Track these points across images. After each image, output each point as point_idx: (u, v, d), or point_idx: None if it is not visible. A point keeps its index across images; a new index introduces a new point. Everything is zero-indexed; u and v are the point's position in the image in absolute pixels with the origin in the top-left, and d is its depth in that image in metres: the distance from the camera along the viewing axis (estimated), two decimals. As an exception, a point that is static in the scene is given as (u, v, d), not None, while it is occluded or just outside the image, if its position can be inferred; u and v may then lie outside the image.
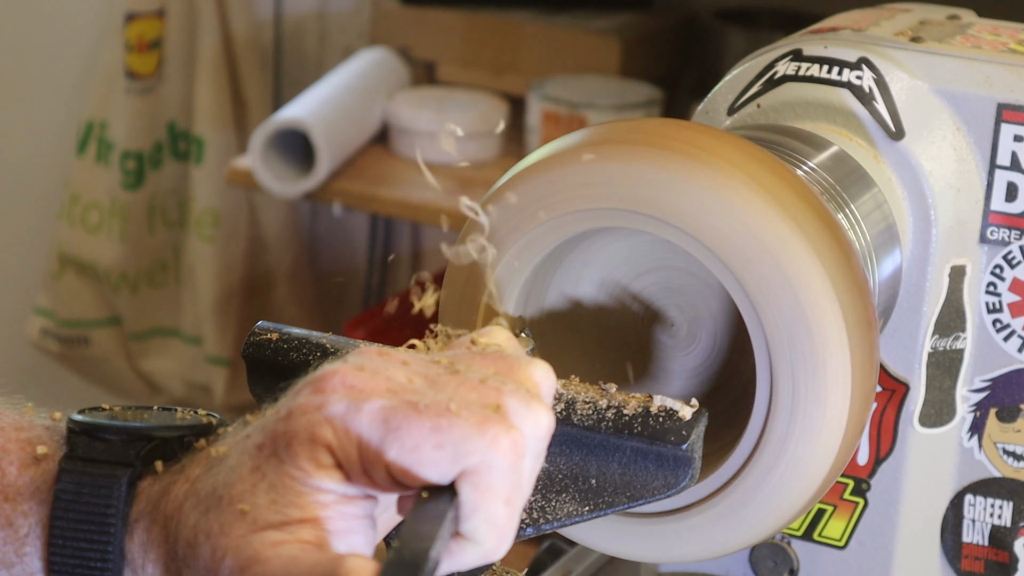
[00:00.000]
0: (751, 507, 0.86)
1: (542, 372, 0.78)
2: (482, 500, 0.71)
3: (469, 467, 0.71)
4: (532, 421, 0.74)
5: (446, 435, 0.71)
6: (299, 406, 0.73)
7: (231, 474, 0.74)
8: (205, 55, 2.98)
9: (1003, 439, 1.04)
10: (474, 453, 0.71)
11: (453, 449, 0.71)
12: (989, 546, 1.06)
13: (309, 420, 0.73)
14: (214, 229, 3.03)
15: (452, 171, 2.72)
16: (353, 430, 0.72)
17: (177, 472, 0.78)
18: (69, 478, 0.79)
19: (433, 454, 0.71)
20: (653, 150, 0.85)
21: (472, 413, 0.72)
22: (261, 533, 0.72)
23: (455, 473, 0.71)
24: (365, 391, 0.73)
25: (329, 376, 0.74)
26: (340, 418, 0.72)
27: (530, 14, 2.89)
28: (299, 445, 0.73)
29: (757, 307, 0.84)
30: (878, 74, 1.02)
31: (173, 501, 0.76)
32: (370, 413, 0.72)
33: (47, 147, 3.18)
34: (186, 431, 0.80)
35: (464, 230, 0.89)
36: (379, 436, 0.72)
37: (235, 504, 0.73)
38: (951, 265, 1.02)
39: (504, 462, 0.72)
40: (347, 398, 0.73)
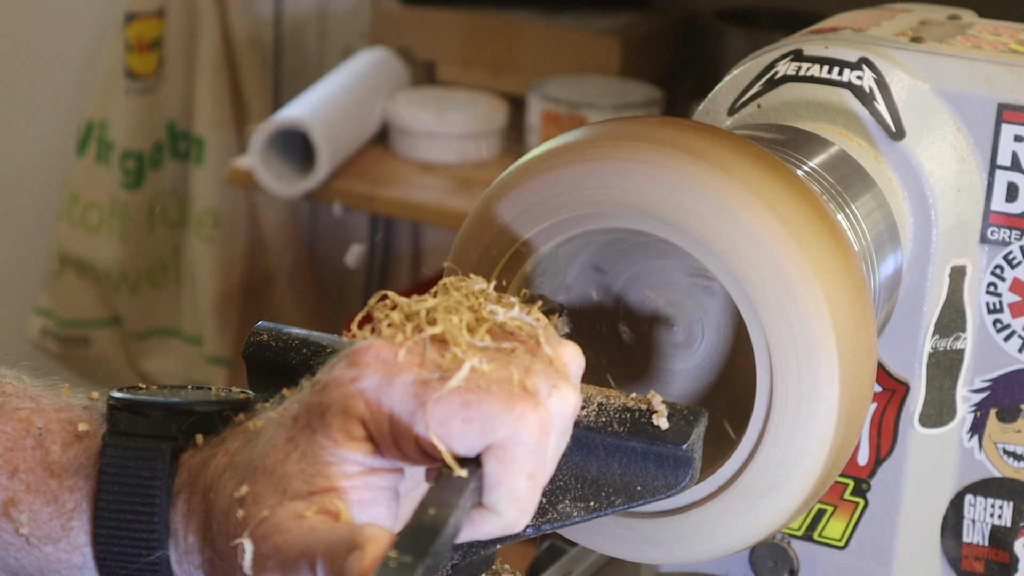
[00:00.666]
0: (751, 507, 0.86)
1: (571, 352, 0.79)
2: (506, 473, 0.73)
3: (496, 441, 0.73)
4: (559, 399, 0.75)
5: (475, 410, 0.73)
6: (334, 379, 0.75)
7: (267, 445, 0.76)
8: (205, 55, 2.99)
9: (1003, 439, 1.04)
10: (501, 428, 0.73)
11: (481, 424, 0.73)
12: (989, 546, 1.06)
13: (343, 392, 0.74)
14: (214, 229, 3.03)
15: (452, 171, 2.72)
16: (385, 403, 0.74)
17: (217, 445, 0.80)
18: (114, 452, 0.81)
19: (462, 428, 0.73)
20: (652, 150, 0.85)
21: (501, 390, 0.73)
22: (288, 504, 0.74)
23: (482, 447, 0.73)
24: (398, 365, 0.74)
25: (364, 350, 0.75)
26: (373, 391, 0.74)
27: (530, 14, 2.90)
28: (332, 416, 0.74)
29: (757, 307, 0.84)
30: (878, 74, 1.02)
31: (213, 472, 0.78)
32: (402, 387, 0.74)
33: (47, 147, 3.18)
34: (225, 405, 0.83)
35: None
36: (410, 409, 0.73)
37: (269, 474, 0.75)
38: (951, 265, 1.02)
39: (530, 438, 0.73)
40: (380, 372, 0.74)
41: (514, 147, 2.76)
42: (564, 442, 0.77)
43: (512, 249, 0.88)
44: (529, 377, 0.75)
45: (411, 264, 3.18)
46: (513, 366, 0.75)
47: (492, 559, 0.87)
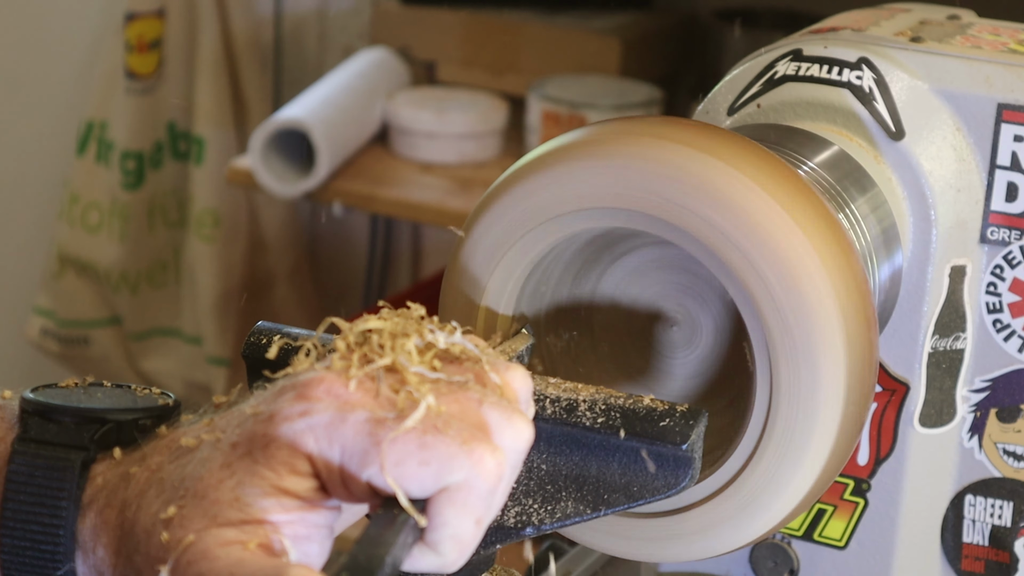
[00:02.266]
0: (751, 507, 0.86)
1: (519, 378, 0.77)
2: (455, 517, 0.72)
3: (451, 484, 0.71)
4: (513, 435, 0.74)
5: (432, 452, 0.71)
6: (281, 412, 0.73)
7: (200, 467, 0.74)
8: (205, 55, 2.99)
9: (1003, 439, 1.04)
10: (458, 471, 0.71)
11: (438, 466, 0.71)
12: (989, 546, 1.06)
13: (292, 428, 0.72)
14: (214, 229, 3.03)
15: (452, 171, 2.73)
16: (337, 441, 0.72)
17: (138, 459, 0.77)
18: (22, 460, 0.78)
19: (418, 470, 0.71)
20: (652, 149, 0.85)
21: (458, 431, 0.72)
22: (218, 529, 0.71)
23: (436, 489, 0.71)
24: (351, 402, 0.72)
25: (315, 383, 0.73)
26: (324, 428, 0.72)
27: (530, 14, 2.90)
28: (277, 450, 0.72)
29: (757, 307, 0.84)
30: (878, 74, 1.02)
31: (134, 488, 0.76)
32: (355, 425, 0.72)
33: (47, 147, 3.18)
34: (141, 413, 0.80)
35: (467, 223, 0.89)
36: (363, 448, 0.71)
37: (200, 497, 0.72)
38: (951, 265, 1.02)
39: (485, 484, 0.72)
40: (332, 408, 0.72)
41: (514, 147, 2.76)
42: (515, 475, 0.75)
43: (517, 243, 0.88)
44: (483, 410, 0.73)
45: (411, 264, 3.18)
46: (469, 400, 0.73)
47: (492, 559, 0.87)
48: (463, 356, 0.77)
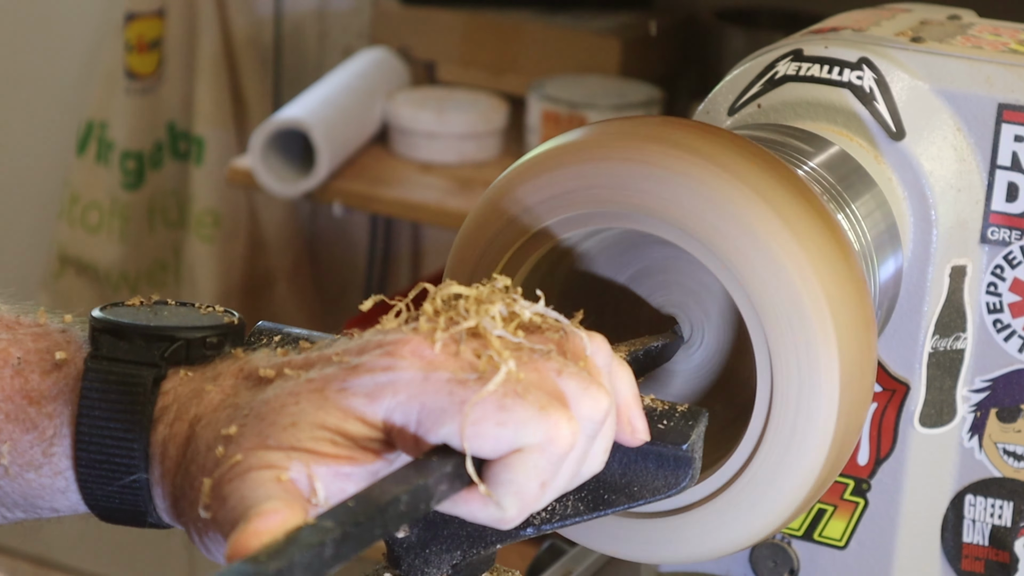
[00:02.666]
0: (751, 507, 0.86)
1: (599, 346, 0.79)
2: (522, 474, 0.73)
3: (525, 445, 0.73)
4: (590, 404, 0.76)
5: (509, 414, 0.73)
6: (366, 363, 0.75)
7: (270, 394, 0.76)
8: (205, 55, 2.99)
9: (1003, 439, 1.04)
10: (534, 435, 0.73)
11: (515, 428, 0.73)
12: (989, 546, 1.06)
13: (374, 380, 0.74)
14: (214, 229, 3.03)
15: (452, 171, 2.72)
16: (417, 398, 0.73)
17: (212, 377, 0.79)
18: (95, 377, 0.80)
19: (495, 430, 0.73)
20: (653, 150, 0.85)
21: (536, 397, 0.73)
22: (264, 451, 0.73)
23: (511, 450, 0.73)
24: (434, 363, 0.74)
25: (402, 343, 0.75)
26: (406, 384, 0.74)
27: (530, 14, 2.89)
28: (353, 396, 0.74)
29: (757, 307, 0.84)
30: (879, 74, 1.02)
31: (207, 405, 0.78)
32: (437, 383, 0.74)
33: (47, 147, 3.18)
34: (208, 331, 0.82)
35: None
36: (441, 407, 0.73)
37: (259, 419, 0.74)
38: (952, 265, 1.02)
39: (556, 451, 0.73)
40: (416, 367, 0.74)
41: (514, 147, 2.76)
42: (590, 445, 0.77)
43: (517, 243, 0.88)
44: (562, 380, 0.75)
45: (411, 264, 3.18)
46: (548, 369, 0.75)
47: (492, 559, 0.87)
48: (545, 326, 0.78)
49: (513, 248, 0.88)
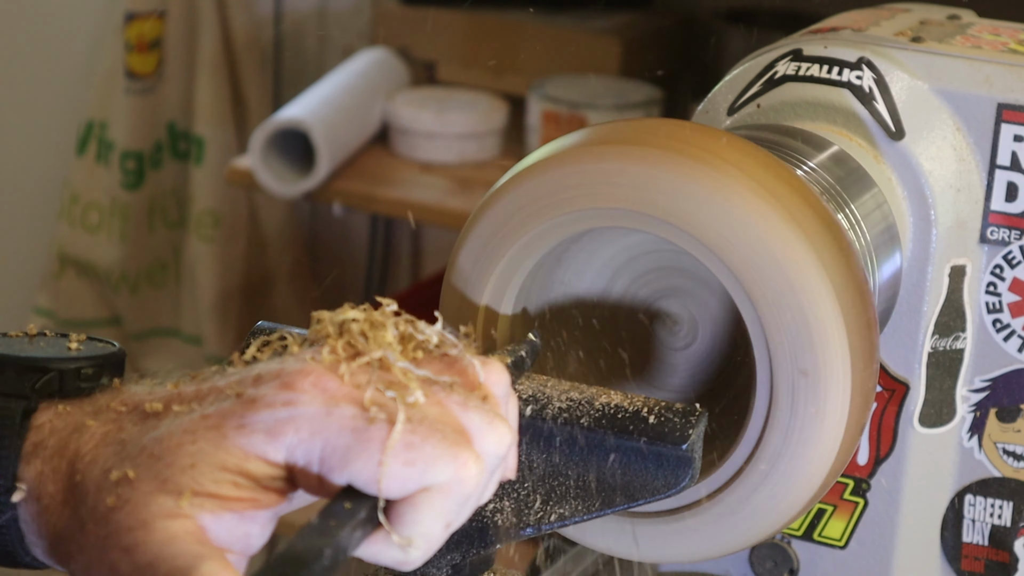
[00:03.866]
0: (751, 507, 0.86)
1: (496, 374, 0.77)
2: (429, 517, 0.72)
3: (432, 485, 0.71)
4: (495, 439, 0.74)
5: (417, 453, 0.71)
6: (264, 397, 0.72)
7: (163, 431, 0.73)
8: (205, 55, 2.99)
9: (1003, 439, 1.04)
10: (442, 475, 0.71)
11: (423, 468, 0.71)
12: (989, 546, 1.06)
13: (274, 416, 0.71)
14: (214, 229, 3.03)
15: (452, 171, 2.72)
16: (320, 435, 0.71)
17: (92, 412, 0.76)
18: None
19: (402, 470, 0.71)
20: (653, 150, 0.85)
21: (444, 434, 0.72)
22: (164, 496, 0.71)
23: (416, 490, 0.71)
24: (337, 396, 0.72)
25: (302, 375, 0.72)
26: (308, 420, 0.71)
27: (530, 14, 2.89)
28: (252, 433, 0.71)
29: (757, 307, 0.84)
30: (878, 74, 1.02)
31: (89, 439, 0.75)
32: (341, 420, 0.71)
33: (47, 147, 3.18)
34: (84, 362, 0.79)
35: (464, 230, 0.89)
36: (345, 444, 0.71)
37: (155, 459, 0.72)
38: (951, 265, 1.02)
39: (464, 490, 0.72)
40: (318, 402, 0.72)
41: (514, 147, 2.76)
42: (490, 480, 0.75)
43: (517, 244, 0.88)
44: (466, 414, 0.73)
45: (411, 264, 3.18)
46: (451, 402, 0.73)
47: (492, 559, 0.87)
48: (442, 347, 0.76)
49: (513, 248, 0.88)
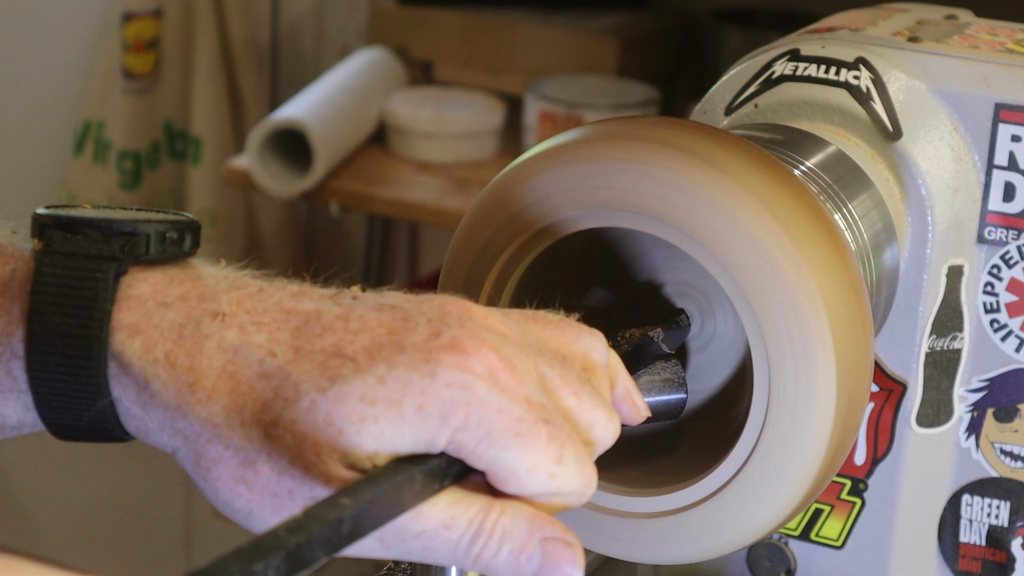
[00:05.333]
0: (749, 507, 0.86)
1: (599, 346, 0.78)
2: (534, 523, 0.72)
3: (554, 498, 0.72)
4: (611, 435, 0.75)
5: (562, 467, 0.71)
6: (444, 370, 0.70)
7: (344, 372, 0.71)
8: (202, 55, 2.98)
9: (1000, 439, 1.04)
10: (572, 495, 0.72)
11: (561, 481, 0.71)
12: (986, 546, 1.06)
13: (452, 395, 0.70)
14: (211, 229, 3.03)
15: (449, 171, 2.72)
16: (484, 427, 0.70)
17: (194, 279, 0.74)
18: (49, 271, 0.73)
19: (546, 481, 0.71)
20: (650, 149, 0.85)
21: (578, 445, 0.72)
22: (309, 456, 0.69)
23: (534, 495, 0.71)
24: (508, 390, 0.71)
25: (476, 350, 0.71)
26: (480, 406, 0.70)
27: (527, 14, 2.89)
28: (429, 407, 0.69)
29: (753, 307, 0.84)
30: (875, 74, 1.02)
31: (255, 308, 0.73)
32: (509, 417, 0.70)
33: (44, 147, 3.18)
34: (168, 225, 0.75)
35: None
36: (504, 443, 0.70)
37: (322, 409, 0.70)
38: (948, 265, 1.02)
39: (581, 501, 0.73)
40: (495, 391, 0.70)
41: (511, 147, 2.76)
42: None
43: (514, 244, 0.88)
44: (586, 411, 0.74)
45: (408, 264, 3.18)
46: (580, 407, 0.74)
47: None
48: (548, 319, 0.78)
49: (511, 249, 0.88)
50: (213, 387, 0.72)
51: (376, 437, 0.69)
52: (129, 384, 0.73)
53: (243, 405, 0.71)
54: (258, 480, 0.71)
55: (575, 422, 0.74)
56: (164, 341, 0.72)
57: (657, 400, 0.89)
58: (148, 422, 0.74)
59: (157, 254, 0.74)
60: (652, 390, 0.89)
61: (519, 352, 0.73)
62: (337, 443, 0.69)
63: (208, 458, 0.72)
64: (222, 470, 0.72)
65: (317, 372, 0.71)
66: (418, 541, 0.70)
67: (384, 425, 0.69)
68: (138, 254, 0.74)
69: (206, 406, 0.72)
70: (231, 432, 0.71)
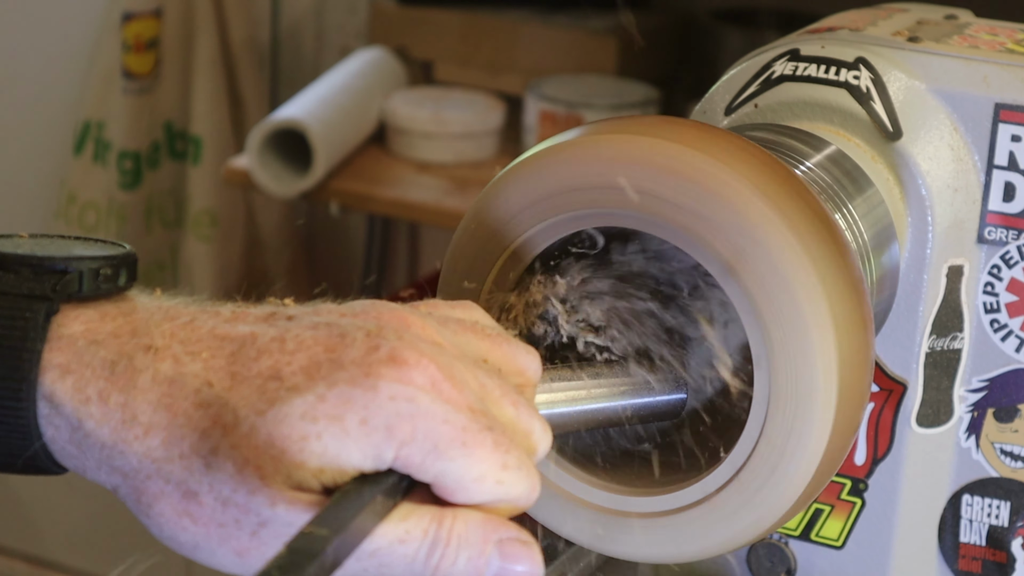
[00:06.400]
0: (748, 507, 0.86)
1: (535, 364, 0.78)
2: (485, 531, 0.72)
3: (500, 506, 0.72)
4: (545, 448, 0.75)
5: (509, 473, 0.71)
6: (386, 384, 0.69)
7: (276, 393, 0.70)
8: (202, 55, 2.98)
9: (1000, 439, 1.04)
10: (521, 499, 0.72)
11: (508, 487, 0.71)
12: (987, 546, 1.06)
13: (397, 408, 0.69)
14: (211, 229, 3.03)
15: (449, 171, 2.72)
16: (431, 439, 0.69)
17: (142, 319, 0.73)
18: None
19: (494, 488, 0.71)
20: (648, 148, 0.85)
21: (520, 451, 0.72)
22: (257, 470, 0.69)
23: (483, 503, 0.71)
24: (451, 400, 0.70)
25: (416, 362, 0.70)
26: (425, 418, 0.69)
27: (527, 13, 2.90)
28: (375, 432, 0.69)
29: (753, 306, 0.84)
30: (875, 74, 1.02)
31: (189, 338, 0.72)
32: (454, 427, 0.70)
33: (44, 147, 3.18)
34: (101, 261, 0.74)
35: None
36: (452, 454, 0.70)
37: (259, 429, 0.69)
38: (948, 265, 1.02)
39: (528, 505, 0.73)
40: (438, 402, 0.70)
41: (511, 147, 2.76)
42: None
43: (513, 245, 0.88)
44: (531, 434, 0.74)
45: (408, 264, 3.18)
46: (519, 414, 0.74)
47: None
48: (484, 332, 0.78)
49: (511, 249, 0.88)
50: (150, 421, 0.71)
51: (320, 454, 0.69)
52: (62, 425, 0.72)
53: (182, 437, 0.70)
54: (202, 512, 0.70)
55: (515, 430, 0.73)
56: (96, 379, 0.71)
57: (657, 400, 0.89)
58: (85, 461, 0.73)
59: (90, 291, 0.73)
60: (652, 390, 0.89)
61: (458, 363, 0.72)
62: (280, 464, 0.69)
63: (149, 494, 0.71)
64: (164, 505, 0.71)
65: (255, 396, 0.70)
66: (373, 559, 0.70)
67: (327, 441, 0.69)
68: (70, 292, 0.72)
69: (143, 441, 0.71)
70: (171, 465, 0.70)
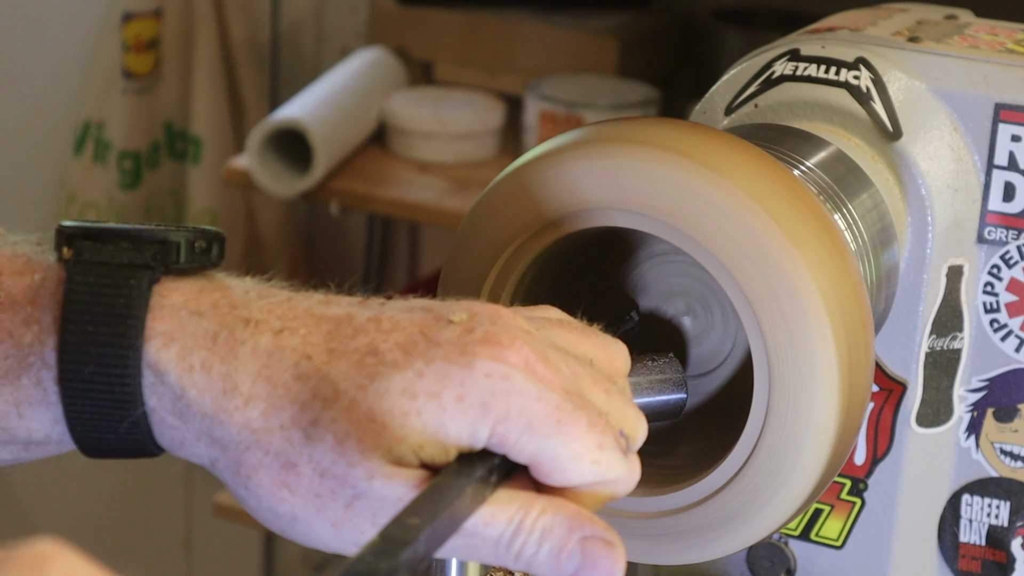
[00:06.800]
0: (748, 508, 0.86)
1: (624, 355, 0.79)
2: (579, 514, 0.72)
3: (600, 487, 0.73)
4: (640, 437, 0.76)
5: (605, 454, 0.72)
6: (481, 362, 0.71)
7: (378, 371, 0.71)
8: (202, 55, 2.98)
9: (1000, 439, 1.04)
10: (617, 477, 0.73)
11: (605, 468, 0.72)
12: (986, 546, 1.06)
13: (492, 385, 0.70)
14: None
15: (449, 171, 2.72)
16: (526, 417, 0.70)
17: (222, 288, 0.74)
18: (81, 280, 0.72)
19: (591, 468, 0.71)
20: (649, 149, 0.85)
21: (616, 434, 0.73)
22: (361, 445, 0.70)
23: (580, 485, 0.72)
24: (544, 380, 0.72)
25: (510, 343, 0.71)
26: (519, 396, 0.70)
27: (527, 14, 2.89)
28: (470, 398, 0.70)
29: (753, 307, 0.84)
30: (875, 74, 1.02)
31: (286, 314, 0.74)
32: (548, 405, 0.71)
33: (44, 147, 3.18)
34: (196, 235, 0.75)
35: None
36: (546, 432, 0.71)
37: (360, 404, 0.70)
38: (948, 265, 1.02)
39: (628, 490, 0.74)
40: (532, 381, 0.71)
41: (511, 147, 2.76)
42: None
43: (513, 245, 0.88)
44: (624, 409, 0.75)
45: (408, 264, 3.18)
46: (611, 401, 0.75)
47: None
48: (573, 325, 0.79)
49: (511, 249, 0.88)
50: (250, 392, 0.72)
51: (420, 431, 0.70)
52: (165, 393, 0.73)
53: (281, 408, 0.72)
54: (300, 483, 0.71)
55: (609, 415, 0.74)
56: (199, 349, 0.72)
57: (657, 400, 0.89)
58: (185, 432, 0.73)
59: (187, 263, 0.74)
60: (652, 390, 0.89)
61: (550, 349, 0.74)
62: (381, 438, 0.70)
63: (248, 465, 0.72)
64: (263, 476, 0.72)
65: (354, 371, 0.71)
66: (461, 538, 0.71)
67: (427, 418, 0.70)
68: (169, 263, 0.74)
69: (243, 412, 0.72)
70: (270, 436, 0.71)
